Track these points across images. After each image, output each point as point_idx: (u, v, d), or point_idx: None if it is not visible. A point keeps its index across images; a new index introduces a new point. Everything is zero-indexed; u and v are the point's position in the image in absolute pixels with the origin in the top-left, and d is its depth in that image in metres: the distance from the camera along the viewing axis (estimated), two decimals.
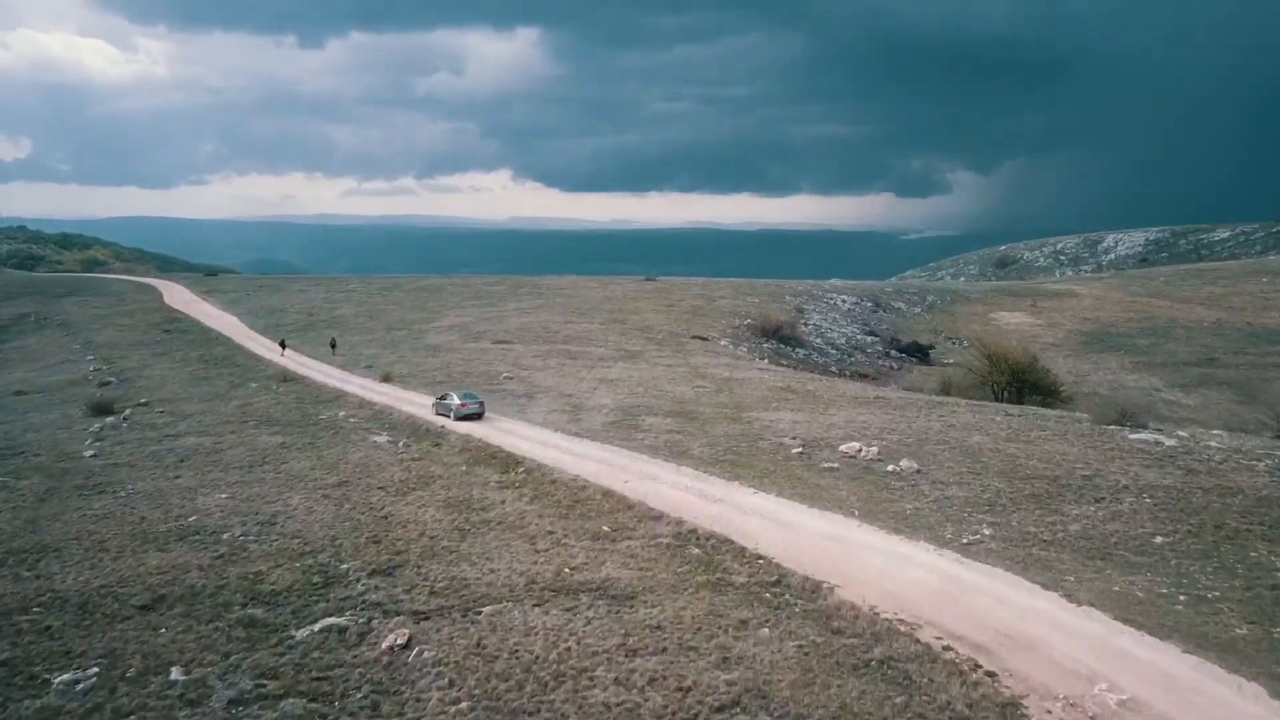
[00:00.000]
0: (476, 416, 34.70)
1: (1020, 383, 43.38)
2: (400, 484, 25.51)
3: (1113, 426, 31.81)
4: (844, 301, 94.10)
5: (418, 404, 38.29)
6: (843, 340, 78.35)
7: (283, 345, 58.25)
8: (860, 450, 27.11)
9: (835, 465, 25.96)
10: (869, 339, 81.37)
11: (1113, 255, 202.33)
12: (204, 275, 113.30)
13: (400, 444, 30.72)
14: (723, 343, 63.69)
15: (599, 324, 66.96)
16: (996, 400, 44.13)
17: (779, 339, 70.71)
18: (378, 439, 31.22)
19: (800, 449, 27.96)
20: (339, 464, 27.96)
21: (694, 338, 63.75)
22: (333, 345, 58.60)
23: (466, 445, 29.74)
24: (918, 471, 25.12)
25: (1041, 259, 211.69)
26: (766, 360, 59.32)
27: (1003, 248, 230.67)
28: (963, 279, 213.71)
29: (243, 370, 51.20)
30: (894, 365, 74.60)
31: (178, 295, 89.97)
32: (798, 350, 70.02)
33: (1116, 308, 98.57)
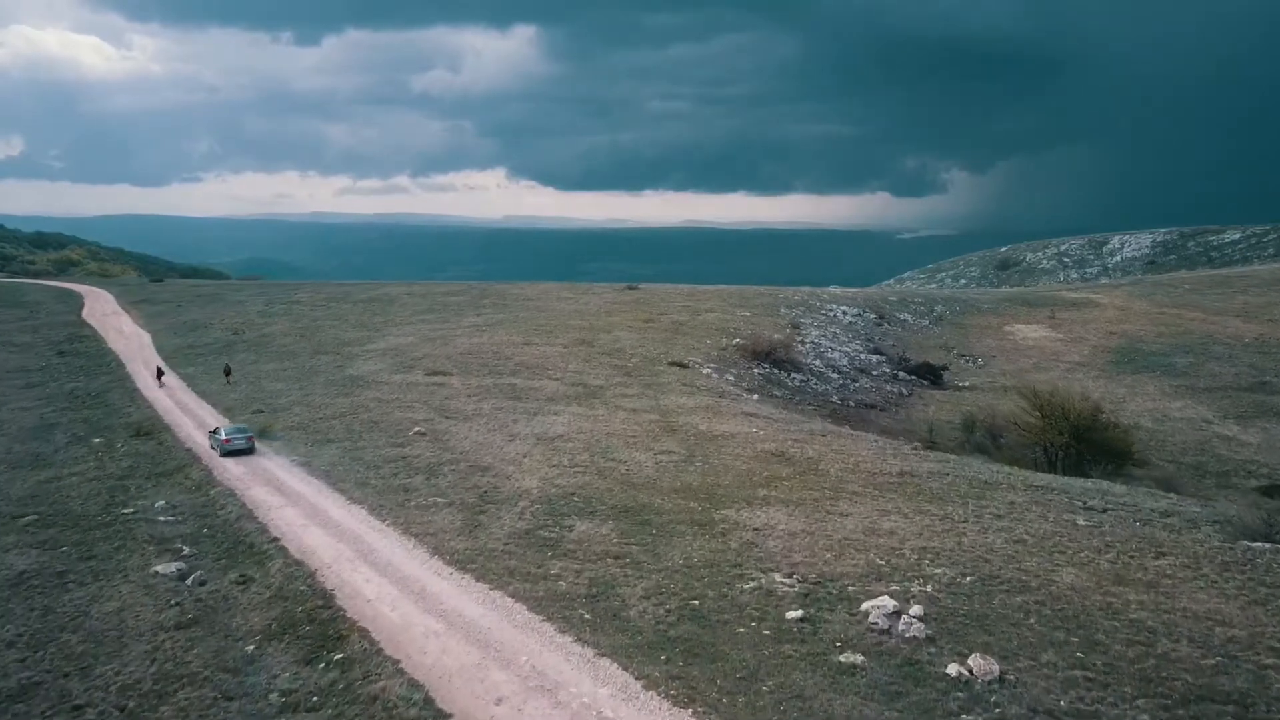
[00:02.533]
0: (244, 452, 32.37)
1: (1081, 442, 33.02)
2: (118, 694, 14.93)
3: (1260, 545, 21.45)
4: (844, 314, 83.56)
5: (276, 484, 27.68)
6: (844, 361, 67.79)
7: (159, 374, 47.82)
8: (897, 616, 16.47)
9: (859, 659, 15.33)
10: (874, 358, 70.84)
11: (1119, 257, 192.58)
12: (149, 282, 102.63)
13: (191, 579, 20.02)
14: (706, 370, 53.08)
15: (562, 346, 56.34)
16: (1051, 466, 33.76)
17: (772, 363, 60.12)
18: (163, 568, 20.56)
19: (799, 608, 17.14)
20: (63, 630, 17.29)
21: (672, 365, 53.22)
22: (226, 373, 48.00)
23: (285, 587, 19.01)
24: (999, 679, 14.55)
25: (1045, 261, 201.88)
26: (757, 396, 48.67)
27: (1004, 249, 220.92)
28: (963, 281, 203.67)
29: (104, 414, 40.57)
30: (903, 390, 64.10)
31: (100, 307, 79.20)
32: (794, 375, 59.46)
33: (1144, 320, 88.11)
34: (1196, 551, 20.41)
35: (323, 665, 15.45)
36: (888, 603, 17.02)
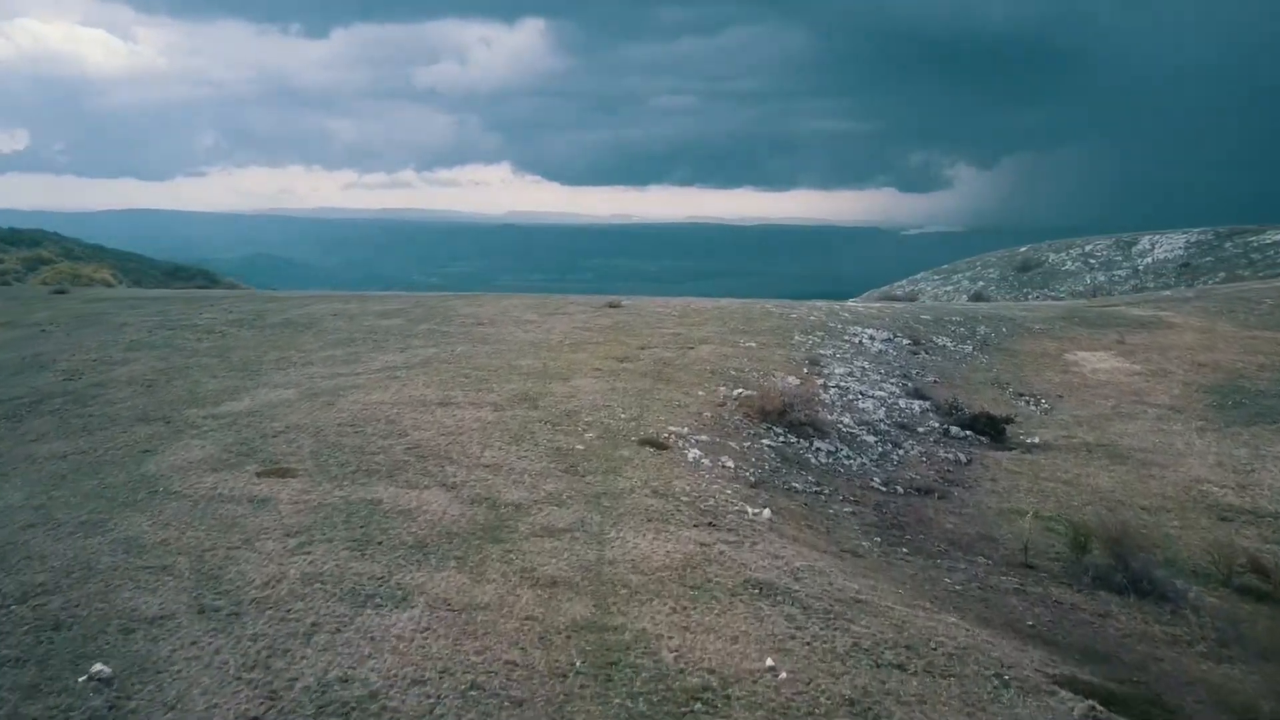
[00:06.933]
0: None
1: None
2: None
3: None
4: (872, 340, 65.69)
5: None
6: (881, 413, 49.90)
7: None
8: None
9: None
10: (916, 406, 52.83)
11: (1150, 259, 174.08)
12: (50, 293, 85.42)
13: None
14: (693, 453, 35.35)
15: (491, 408, 38.56)
16: None
17: (787, 426, 42.51)
18: None
19: None
20: None
21: (643, 443, 35.64)
22: None
23: None
24: None
25: (1069, 262, 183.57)
26: (769, 510, 31.02)
27: (1024, 249, 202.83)
28: (981, 283, 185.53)
29: None
30: (960, 455, 46.10)
31: None
32: (816, 446, 41.71)
33: (1234, 346, 69.83)
34: None
35: None
36: None
